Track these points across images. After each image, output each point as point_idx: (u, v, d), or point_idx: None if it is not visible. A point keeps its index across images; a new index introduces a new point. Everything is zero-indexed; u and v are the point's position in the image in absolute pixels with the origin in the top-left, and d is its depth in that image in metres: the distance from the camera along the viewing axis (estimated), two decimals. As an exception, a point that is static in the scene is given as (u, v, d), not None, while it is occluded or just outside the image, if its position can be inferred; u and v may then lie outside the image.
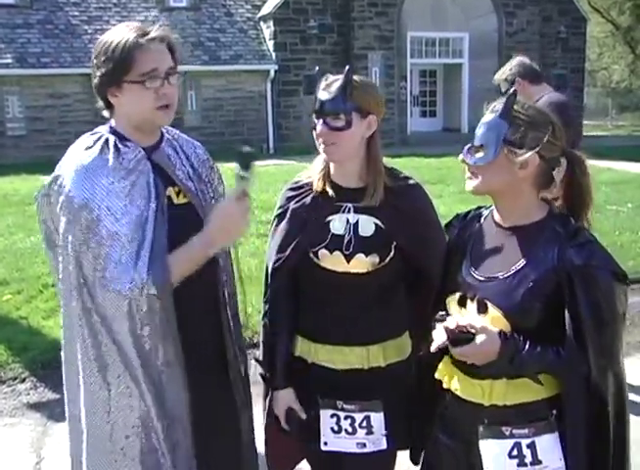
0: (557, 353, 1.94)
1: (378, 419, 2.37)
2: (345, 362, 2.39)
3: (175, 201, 2.20)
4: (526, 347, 1.94)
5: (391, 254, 2.35)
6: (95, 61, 2.10)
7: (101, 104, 2.19)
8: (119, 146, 2.12)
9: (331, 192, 2.37)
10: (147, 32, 2.09)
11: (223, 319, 2.33)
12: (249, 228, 2.14)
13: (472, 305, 2.06)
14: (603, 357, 1.94)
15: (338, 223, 2.35)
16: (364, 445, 2.38)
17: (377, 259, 2.33)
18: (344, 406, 2.38)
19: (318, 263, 2.35)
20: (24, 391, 4.95)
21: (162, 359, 2.10)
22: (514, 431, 2.01)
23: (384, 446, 2.38)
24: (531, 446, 1.99)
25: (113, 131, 2.17)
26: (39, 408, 4.71)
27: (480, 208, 2.26)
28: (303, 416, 2.45)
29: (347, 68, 2.27)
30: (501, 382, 2.02)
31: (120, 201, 2.05)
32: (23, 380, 5.07)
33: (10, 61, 19.19)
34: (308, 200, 2.40)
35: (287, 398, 2.46)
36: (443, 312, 2.18)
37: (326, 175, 2.39)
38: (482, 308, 2.02)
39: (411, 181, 2.45)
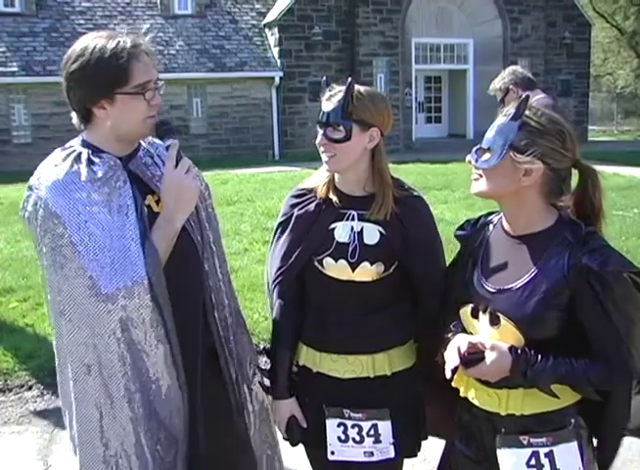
0: (570, 364, 1.92)
1: (385, 427, 2.35)
2: (351, 371, 2.38)
3: (155, 209, 2.16)
4: (538, 360, 1.92)
5: (396, 263, 2.34)
6: (78, 72, 2.04)
7: (73, 114, 2.14)
8: (93, 158, 2.08)
9: (335, 199, 2.36)
10: (138, 43, 2.06)
11: (211, 323, 2.31)
12: (200, 188, 2.15)
13: (484, 317, 2.04)
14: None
15: (342, 231, 2.33)
16: (372, 453, 2.36)
17: (382, 268, 2.32)
18: (352, 415, 2.36)
19: (322, 271, 2.35)
20: (31, 398, 4.95)
21: (156, 368, 2.09)
22: (532, 440, 1.99)
23: (391, 454, 2.36)
24: (549, 456, 1.97)
25: (85, 144, 2.13)
26: (46, 416, 4.71)
27: (490, 213, 2.23)
28: (304, 425, 2.45)
29: (350, 79, 2.26)
30: (517, 392, 2.00)
31: (99, 213, 2.02)
32: (30, 388, 5.06)
33: (16, 69, 19.29)
34: (312, 206, 2.39)
35: (289, 407, 2.45)
36: (455, 323, 2.17)
37: (331, 182, 2.39)
38: (495, 321, 2.01)
39: (415, 193, 2.43)
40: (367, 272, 2.31)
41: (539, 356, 1.92)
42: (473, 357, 1.97)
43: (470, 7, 22.34)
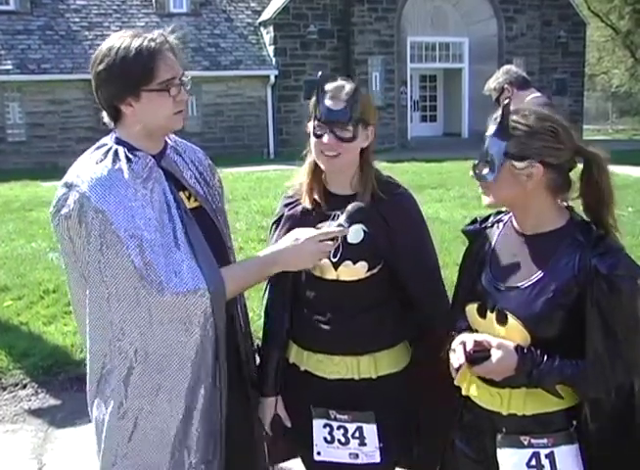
0: (576, 366, 1.91)
1: (371, 431, 2.33)
2: (336, 372, 2.37)
3: (187, 205, 2.20)
4: (544, 360, 1.91)
5: (382, 262, 2.32)
6: (104, 71, 2.04)
7: (104, 114, 2.15)
8: (129, 156, 2.10)
9: (321, 200, 2.36)
10: (163, 41, 2.08)
11: (235, 317, 2.33)
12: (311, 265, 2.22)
13: (491, 315, 2.03)
14: (636, 367, 1.90)
15: None
16: (357, 455, 2.35)
17: (365, 268, 2.30)
18: (337, 416, 2.35)
19: (309, 271, 2.35)
20: (26, 397, 4.94)
21: (209, 374, 2.11)
22: (532, 440, 1.98)
23: (377, 459, 2.34)
24: (550, 457, 1.96)
25: (119, 141, 2.14)
26: (40, 414, 4.70)
27: (500, 212, 2.21)
28: (288, 424, 2.45)
29: (357, 79, 2.26)
30: (520, 391, 1.99)
31: (144, 209, 2.04)
32: (25, 386, 5.06)
33: (10, 67, 19.23)
34: (300, 208, 2.40)
35: (274, 405, 2.45)
36: (459, 320, 2.17)
37: (314, 183, 2.38)
38: (502, 319, 2.00)
39: (400, 190, 2.42)
40: (350, 271, 2.30)
41: (545, 357, 1.91)
42: (479, 356, 1.96)
43: (465, 6, 22.35)
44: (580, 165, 2.02)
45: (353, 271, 2.30)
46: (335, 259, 2.30)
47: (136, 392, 2.07)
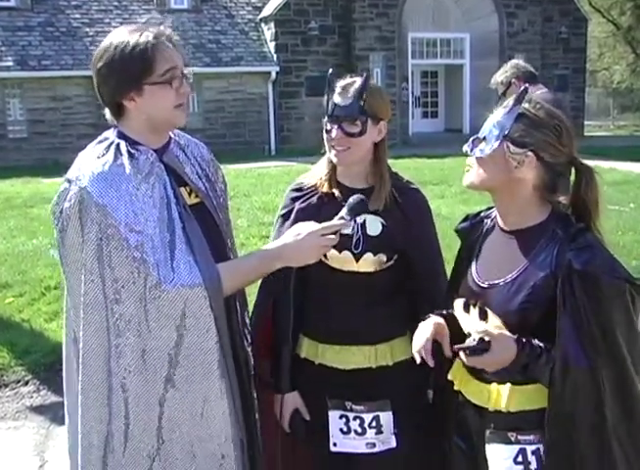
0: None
1: (387, 418, 2.39)
2: (353, 362, 2.40)
3: (188, 201, 2.20)
4: (541, 354, 1.88)
5: (397, 253, 2.37)
6: (105, 68, 2.05)
7: (106, 110, 2.15)
8: (131, 151, 2.10)
9: (337, 193, 2.39)
10: (161, 34, 2.09)
11: (232, 313, 2.31)
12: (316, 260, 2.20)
13: (474, 312, 2.05)
14: (606, 366, 1.86)
15: None
16: (374, 445, 2.39)
17: (384, 259, 2.35)
18: (353, 407, 2.39)
19: (326, 263, 2.36)
20: (27, 394, 4.95)
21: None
22: (519, 437, 1.98)
23: (393, 444, 2.39)
24: (536, 453, 1.96)
25: (121, 136, 2.14)
26: (42, 411, 4.72)
27: (490, 208, 2.21)
28: (308, 418, 2.46)
29: (366, 74, 2.30)
30: (505, 387, 1.99)
31: (144, 205, 2.04)
32: (26, 383, 5.07)
33: (11, 63, 19.22)
34: (314, 200, 2.43)
35: (292, 400, 2.46)
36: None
37: (332, 176, 2.42)
38: (483, 316, 2.01)
39: (417, 187, 2.49)
40: (370, 263, 2.35)
41: (542, 351, 1.89)
42: (479, 347, 1.89)
43: (466, 2, 22.31)
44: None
45: (372, 263, 2.35)
46: (357, 251, 2.34)
47: (135, 391, 2.05)
